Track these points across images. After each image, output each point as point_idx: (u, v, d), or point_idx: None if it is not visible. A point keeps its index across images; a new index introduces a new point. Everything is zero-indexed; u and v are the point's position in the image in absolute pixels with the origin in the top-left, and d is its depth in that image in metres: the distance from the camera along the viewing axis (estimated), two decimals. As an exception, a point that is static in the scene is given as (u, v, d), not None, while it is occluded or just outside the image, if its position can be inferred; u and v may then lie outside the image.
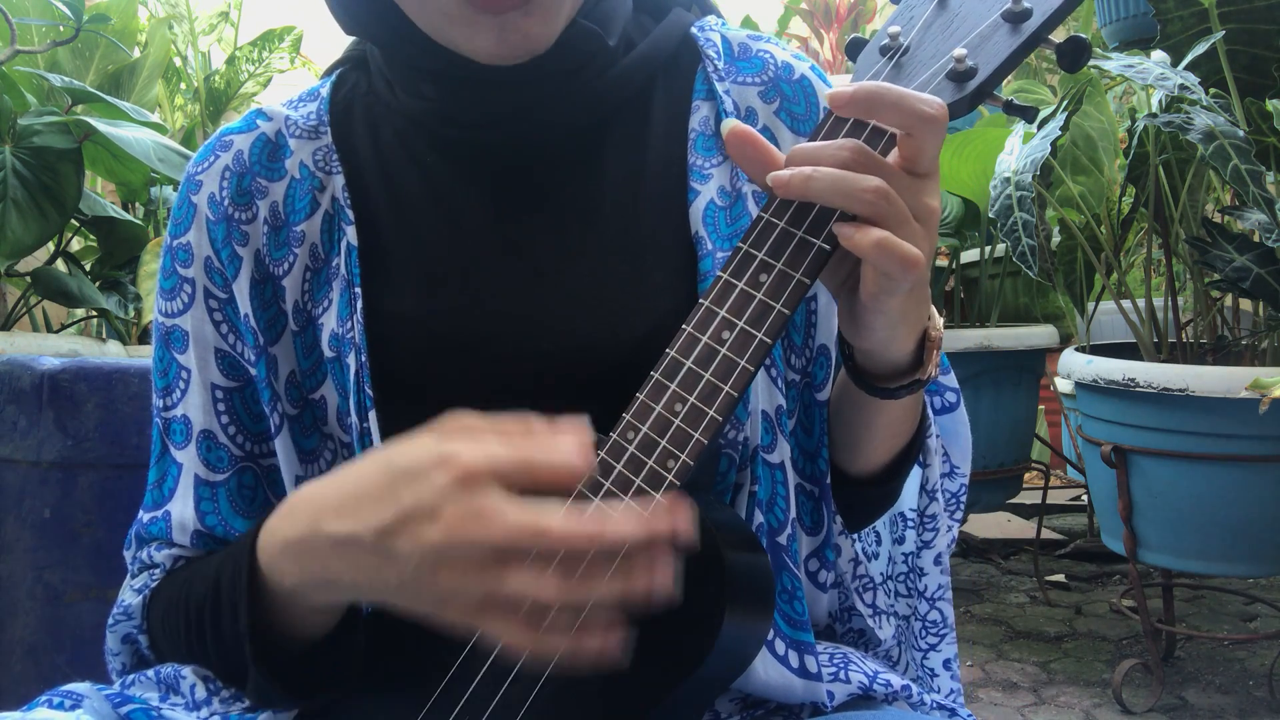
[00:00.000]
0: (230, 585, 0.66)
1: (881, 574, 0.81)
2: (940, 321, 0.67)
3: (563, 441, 0.52)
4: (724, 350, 0.59)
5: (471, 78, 0.71)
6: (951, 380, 0.80)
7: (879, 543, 0.82)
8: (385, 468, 0.54)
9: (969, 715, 0.79)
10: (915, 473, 0.77)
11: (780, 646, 0.69)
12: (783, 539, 0.71)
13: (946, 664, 0.80)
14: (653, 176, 0.74)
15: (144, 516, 0.78)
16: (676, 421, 0.59)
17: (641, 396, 0.60)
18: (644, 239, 0.73)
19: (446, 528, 0.51)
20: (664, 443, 0.58)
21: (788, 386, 0.73)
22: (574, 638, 0.52)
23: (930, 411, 0.77)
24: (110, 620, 0.76)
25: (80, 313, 2.35)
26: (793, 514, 0.71)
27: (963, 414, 0.80)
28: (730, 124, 0.61)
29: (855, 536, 0.78)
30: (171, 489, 0.77)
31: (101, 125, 1.85)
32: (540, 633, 0.51)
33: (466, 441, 0.53)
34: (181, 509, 0.76)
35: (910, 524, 0.80)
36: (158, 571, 0.77)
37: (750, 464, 0.70)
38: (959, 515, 0.81)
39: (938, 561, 0.78)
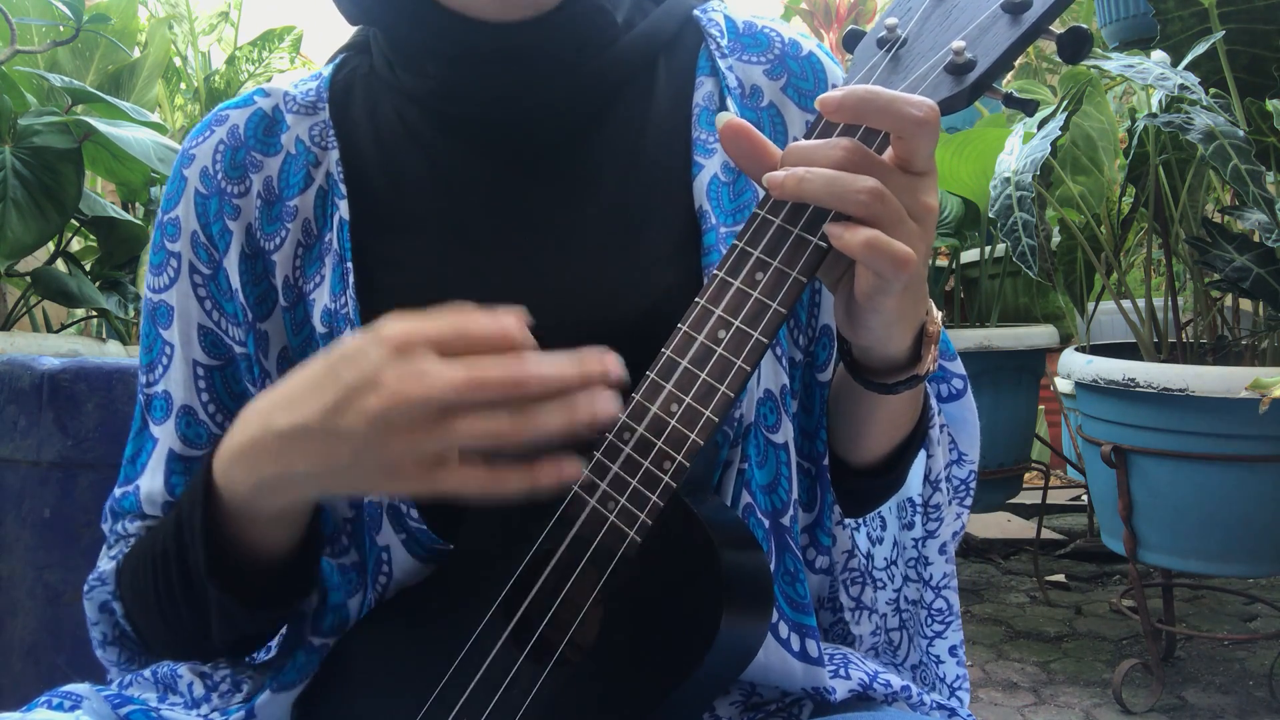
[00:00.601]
0: (188, 509, 0.66)
1: (885, 559, 0.80)
2: (938, 315, 0.66)
3: (496, 313, 0.55)
4: (720, 350, 0.58)
5: (476, 55, 0.71)
6: (958, 367, 0.80)
7: (884, 528, 0.81)
8: (325, 359, 0.57)
9: (969, 715, 0.79)
10: (920, 459, 0.77)
11: (783, 629, 0.69)
12: (786, 520, 0.70)
13: (952, 650, 0.80)
14: (655, 151, 0.74)
15: (117, 491, 0.78)
16: (672, 422, 0.58)
17: (637, 396, 0.60)
18: (646, 213, 0.73)
19: (388, 393, 0.53)
20: (660, 444, 0.58)
21: (791, 365, 0.73)
22: (527, 472, 0.54)
23: (934, 401, 0.77)
24: (86, 587, 0.77)
25: (80, 313, 2.35)
26: (795, 495, 0.71)
27: (970, 401, 0.80)
28: (725, 118, 0.61)
29: (855, 525, 0.78)
30: (144, 464, 0.77)
31: (101, 125, 1.85)
32: (495, 473, 0.54)
33: (399, 321, 0.55)
34: (150, 482, 0.76)
35: (917, 511, 0.80)
36: (132, 540, 0.77)
37: (742, 441, 0.70)
38: (968, 503, 0.80)
39: (943, 550, 0.78)
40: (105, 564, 0.77)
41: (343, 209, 0.73)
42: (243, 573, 0.67)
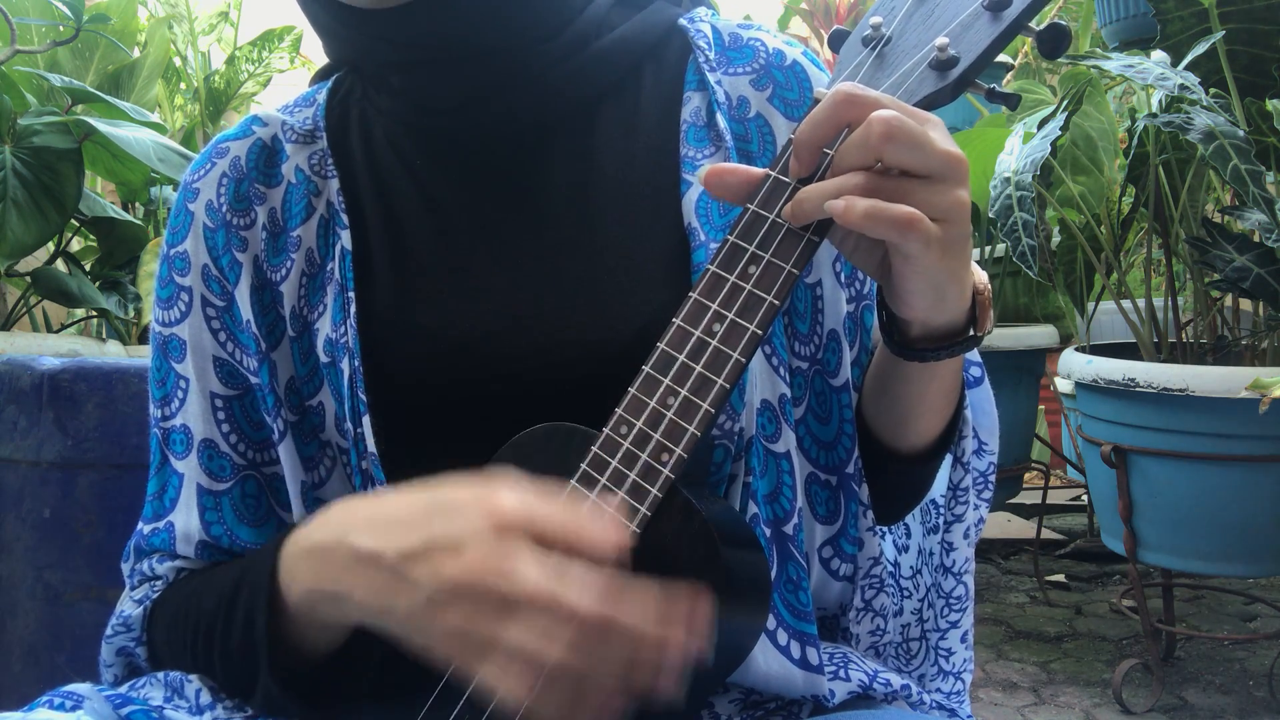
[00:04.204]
0: (250, 593, 0.65)
1: (912, 568, 0.80)
2: (985, 276, 0.65)
3: (603, 518, 0.53)
4: (715, 342, 0.59)
5: (435, 59, 0.71)
6: (974, 355, 0.79)
7: (909, 535, 0.81)
8: (427, 497, 0.56)
9: (969, 715, 0.79)
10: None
11: (782, 637, 0.69)
12: (788, 529, 0.70)
13: (963, 637, 0.79)
14: (643, 169, 0.74)
15: (144, 529, 0.78)
16: (669, 415, 0.59)
17: (633, 390, 0.60)
18: (636, 232, 0.72)
19: (467, 567, 0.51)
20: (657, 436, 0.58)
21: (792, 374, 0.73)
22: (567, 705, 0.52)
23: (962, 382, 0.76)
24: (108, 631, 0.76)
25: (80, 313, 2.35)
26: (800, 504, 0.71)
27: (987, 390, 0.79)
28: (701, 173, 0.61)
29: (880, 533, 0.77)
30: (174, 499, 0.76)
31: (101, 125, 1.85)
32: (534, 691, 0.51)
33: (513, 492, 0.53)
34: (186, 519, 0.75)
35: (941, 509, 0.79)
36: (160, 584, 0.76)
37: (745, 455, 0.70)
38: (986, 495, 0.79)
39: (966, 535, 0.77)
40: (130, 608, 0.76)
41: (345, 239, 0.73)
42: (291, 665, 0.66)
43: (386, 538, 0.55)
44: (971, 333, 0.64)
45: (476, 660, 0.52)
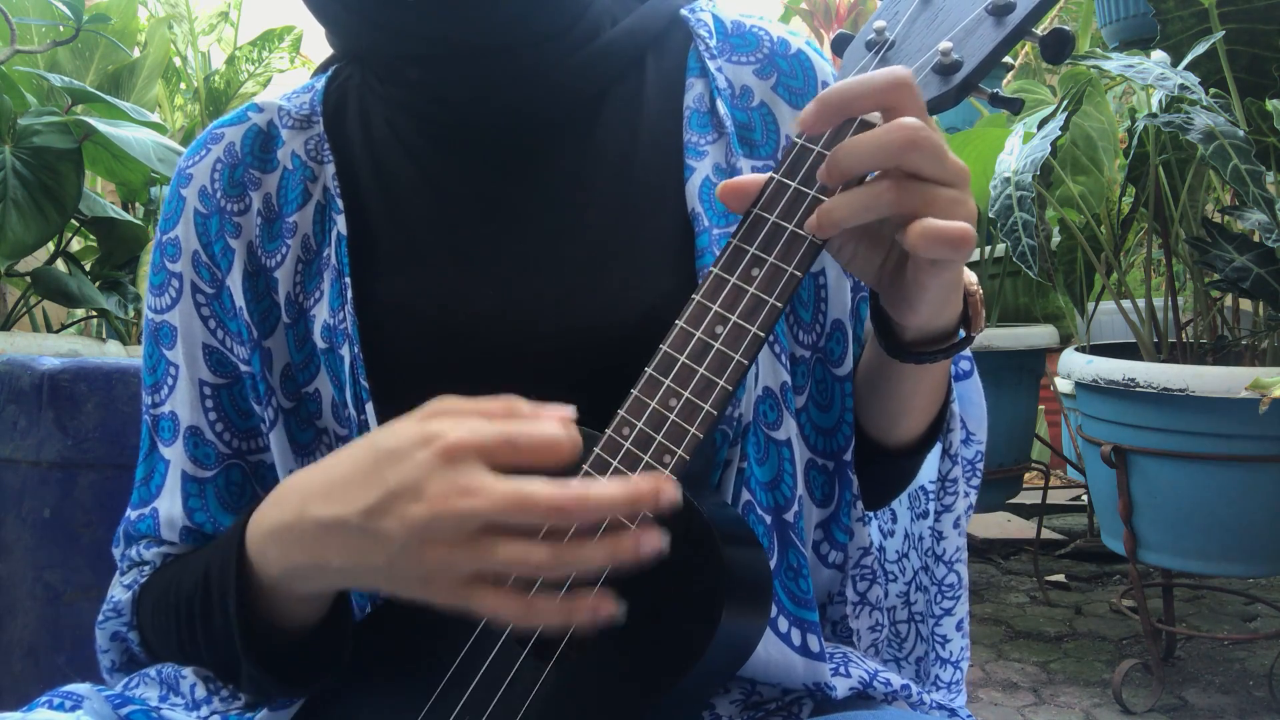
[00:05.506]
0: (219, 577, 0.66)
1: (897, 552, 0.81)
2: (974, 277, 0.66)
3: (546, 419, 0.53)
4: (717, 344, 0.59)
5: (453, 54, 0.71)
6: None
7: (894, 520, 0.82)
8: (370, 450, 0.55)
9: (969, 715, 0.79)
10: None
11: (783, 624, 0.69)
12: (789, 516, 0.70)
13: (959, 625, 0.80)
14: (647, 155, 0.74)
15: (131, 514, 0.78)
16: (672, 416, 0.59)
17: (636, 392, 0.60)
18: (640, 218, 0.73)
19: (431, 504, 0.51)
20: (659, 438, 0.58)
21: (794, 363, 0.73)
22: (563, 605, 0.53)
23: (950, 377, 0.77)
24: (100, 617, 0.76)
25: (80, 313, 2.35)
26: (800, 491, 0.71)
27: (976, 381, 0.80)
28: (720, 192, 0.61)
29: (870, 517, 0.78)
30: (159, 485, 0.77)
31: (101, 125, 1.85)
32: (530, 602, 0.52)
33: (449, 420, 0.53)
34: (169, 506, 0.76)
35: (931, 495, 0.80)
36: (147, 569, 0.77)
37: (742, 441, 0.70)
38: (975, 483, 0.80)
39: (956, 524, 0.78)
40: (120, 593, 0.76)
41: (340, 224, 0.73)
42: (269, 644, 0.66)
43: (344, 501, 0.55)
44: (964, 334, 0.65)
45: (469, 591, 0.53)
